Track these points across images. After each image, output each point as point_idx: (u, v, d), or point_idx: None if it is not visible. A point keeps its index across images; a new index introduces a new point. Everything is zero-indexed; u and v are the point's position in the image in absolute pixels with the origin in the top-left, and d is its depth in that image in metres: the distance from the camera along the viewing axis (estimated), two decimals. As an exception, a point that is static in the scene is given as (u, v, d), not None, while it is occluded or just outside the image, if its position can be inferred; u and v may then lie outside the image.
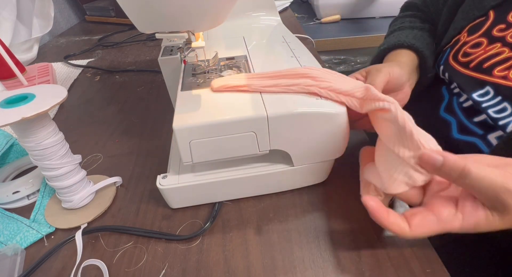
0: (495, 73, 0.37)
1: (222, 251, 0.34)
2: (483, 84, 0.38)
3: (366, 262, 0.32)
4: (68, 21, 1.22)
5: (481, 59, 0.39)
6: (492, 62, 0.38)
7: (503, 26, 0.39)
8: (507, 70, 0.36)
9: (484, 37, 0.40)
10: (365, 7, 1.19)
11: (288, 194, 0.40)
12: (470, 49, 0.41)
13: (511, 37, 0.37)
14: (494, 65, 0.38)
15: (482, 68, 0.39)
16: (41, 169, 0.37)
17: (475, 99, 0.38)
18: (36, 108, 0.31)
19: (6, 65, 0.61)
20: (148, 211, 0.40)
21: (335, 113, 0.33)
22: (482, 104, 0.37)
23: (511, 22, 0.38)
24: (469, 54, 0.41)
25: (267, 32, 0.54)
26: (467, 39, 0.42)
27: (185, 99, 0.36)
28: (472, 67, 0.40)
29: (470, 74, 0.40)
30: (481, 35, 0.41)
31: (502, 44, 0.38)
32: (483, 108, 0.37)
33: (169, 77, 0.50)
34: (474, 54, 0.40)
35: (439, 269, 0.31)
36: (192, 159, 0.34)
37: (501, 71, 0.37)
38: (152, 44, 0.94)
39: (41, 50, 0.97)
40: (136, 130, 0.55)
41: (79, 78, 0.77)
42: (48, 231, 0.38)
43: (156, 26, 0.33)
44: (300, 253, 0.34)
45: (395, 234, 0.28)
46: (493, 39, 0.39)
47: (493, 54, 0.38)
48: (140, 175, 0.45)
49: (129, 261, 0.34)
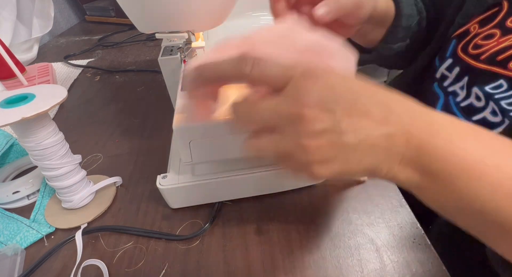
0: (510, 66, 0.35)
1: (222, 251, 0.34)
2: (496, 77, 0.36)
3: (366, 262, 0.32)
4: (68, 21, 1.22)
5: (493, 51, 0.37)
6: (506, 54, 0.36)
7: None
8: None
9: (497, 29, 0.38)
10: (365, 7, 1.19)
11: (288, 194, 0.40)
12: (481, 40, 0.39)
13: None
14: (509, 57, 0.36)
15: (496, 61, 0.37)
16: (41, 169, 0.37)
17: (488, 91, 0.37)
18: (36, 108, 0.31)
19: (6, 65, 0.61)
20: (148, 211, 0.40)
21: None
22: (495, 96, 0.36)
23: None
24: (480, 46, 0.39)
25: (267, 32, 0.54)
26: (479, 30, 0.40)
27: (185, 99, 0.36)
28: (484, 59, 0.38)
29: (482, 67, 0.38)
30: (494, 26, 0.38)
31: None
32: (495, 100, 0.36)
33: (169, 77, 0.50)
34: (485, 46, 0.38)
35: (439, 269, 0.31)
36: (192, 159, 0.34)
37: None
38: (152, 44, 0.94)
39: (41, 50, 0.97)
40: (136, 130, 0.55)
41: (79, 78, 0.77)
42: (48, 231, 0.38)
43: (156, 26, 0.33)
44: (300, 253, 0.34)
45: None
46: (507, 31, 0.37)
47: (507, 46, 0.36)
48: (140, 175, 0.45)
49: (129, 261, 0.34)
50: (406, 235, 0.34)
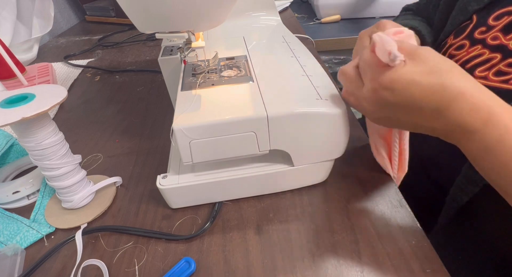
0: (476, 74, 0.39)
1: (222, 251, 0.34)
2: None
3: (366, 262, 0.32)
4: (68, 21, 1.22)
5: (463, 60, 0.41)
6: (473, 63, 0.40)
7: (483, 28, 0.40)
8: (487, 71, 0.38)
9: (467, 40, 0.42)
10: (365, 7, 1.19)
11: (288, 194, 0.40)
12: (454, 50, 0.43)
13: (491, 39, 0.39)
14: (475, 66, 0.39)
15: (465, 69, 0.39)
16: (41, 169, 0.37)
17: None
18: (36, 108, 0.31)
19: (6, 65, 0.61)
20: (148, 211, 0.40)
21: (335, 113, 0.33)
22: None
23: (491, 25, 0.39)
24: (453, 56, 0.43)
25: (267, 32, 0.54)
26: (453, 41, 0.44)
27: (185, 99, 0.36)
28: None
29: None
30: (464, 38, 0.42)
31: (482, 46, 0.39)
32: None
33: (169, 77, 0.50)
34: (458, 55, 0.42)
35: (439, 269, 0.31)
36: (192, 159, 0.34)
37: (482, 72, 0.38)
38: (152, 44, 0.94)
39: (41, 50, 0.97)
40: (136, 130, 0.55)
41: (79, 78, 0.77)
42: (48, 231, 0.38)
43: (156, 26, 0.33)
44: (300, 253, 0.34)
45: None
46: (474, 41, 0.41)
47: (474, 55, 0.40)
48: (140, 175, 0.46)
49: (129, 261, 0.34)
50: (406, 235, 0.34)
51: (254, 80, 0.38)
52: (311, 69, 0.40)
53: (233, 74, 0.40)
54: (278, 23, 0.58)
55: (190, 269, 0.32)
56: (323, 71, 0.40)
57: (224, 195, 0.39)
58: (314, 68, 0.41)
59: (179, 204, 0.39)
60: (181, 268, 0.33)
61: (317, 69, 0.40)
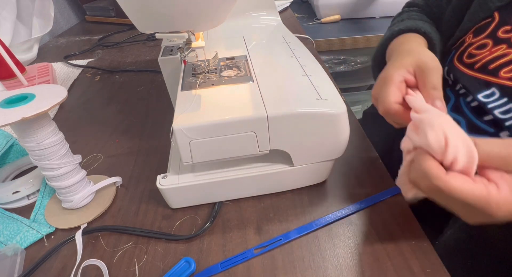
0: (502, 74, 0.37)
1: (222, 251, 0.34)
2: (489, 85, 0.38)
3: (366, 262, 0.32)
4: (68, 21, 1.22)
5: (486, 60, 0.39)
6: (498, 63, 0.38)
7: (508, 27, 0.38)
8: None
9: (490, 39, 0.40)
10: (365, 7, 1.19)
11: (288, 194, 0.40)
12: (475, 50, 0.41)
13: None
14: (500, 66, 0.38)
15: (488, 69, 0.38)
16: (41, 169, 0.37)
17: (480, 100, 0.38)
18: (36, 108, 0.31)
19: (6, 65, 0.61)
20: (148, 211, 0.40)
21: (335, 113, 0.33)
22: (488, 105, 0.37)
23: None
24: (474, 55, 0.41)
25: (267, 32, 0.54)
26: (473, 40, 0.42)
27: (185, 99, 0.36)
28: (477, 68, 0.40)
29: (475, 75, 0.40)
30: (486, 37, 0.40)
31: (507, 46, 0.38)
32: (489, 109, 0.37)
33: (169, 77, 0.50)
34: (479, 55, 0.40)
35: (439, 269, 0.31)
36: (192, 159, 0.34)
37: (508, 73, 0.37)
38: (152, 44, 0.94)
39: (41, 50, 0.97)
40: (136, 130, 0.55)
41: (79, 78, 0.77)
42: (48, 231, 0.38)
43: (156, 26, 0.33)
44: (300, 253, 0.34)
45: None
46: (498, 41, 0.39)
47: (498, 55, 0.38)
48: (140, 175, 0.46)
49: (129, 261, 0.34)
50: (406, 236, 0.34)
51: (254, 80, 0.38)
52: (311, 69, 0.40)
53: (233, 74, 0.40)
54: (278, 23, 0.58)
55: (190, 269, 0.32)
56: (323, 71, 0.40)
57: (224, 195, 0.39)
58: (314, 68, 0.41)
59: (179, 204, 0.39)
60: (181, 268, 0.33)
61: (317, 69, 0.41)
